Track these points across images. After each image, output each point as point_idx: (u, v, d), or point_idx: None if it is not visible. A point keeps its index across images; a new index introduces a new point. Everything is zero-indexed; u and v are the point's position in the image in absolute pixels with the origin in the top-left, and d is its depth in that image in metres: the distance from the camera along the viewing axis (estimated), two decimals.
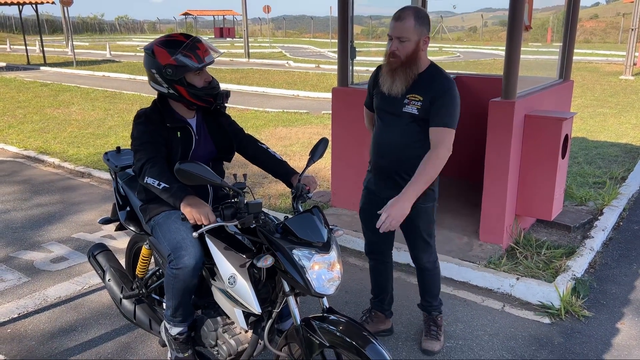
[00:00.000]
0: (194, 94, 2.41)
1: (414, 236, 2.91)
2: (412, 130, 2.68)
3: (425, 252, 2.95)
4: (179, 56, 2.34)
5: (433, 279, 3.03)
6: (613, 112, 10.37)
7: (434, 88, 2.60)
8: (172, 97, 2.46)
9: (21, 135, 8.62)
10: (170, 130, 2.45)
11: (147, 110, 2.49)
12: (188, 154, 2.50)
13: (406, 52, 2.58)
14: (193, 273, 2.35)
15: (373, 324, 3.16)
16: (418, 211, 2.76)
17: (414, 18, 2.55)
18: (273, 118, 10.02)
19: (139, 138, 2.41)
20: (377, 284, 3.19)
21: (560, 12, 5.82)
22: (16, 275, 3.95)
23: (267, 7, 33.37)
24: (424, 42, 2.59)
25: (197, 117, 2.59)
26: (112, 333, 3.22)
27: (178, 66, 2.35)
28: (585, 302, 3.51)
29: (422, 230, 2.87)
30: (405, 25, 2.54)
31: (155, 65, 2.38)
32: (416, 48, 2.58)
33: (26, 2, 22.50)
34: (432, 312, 3.10)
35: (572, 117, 4.12)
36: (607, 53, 24.86)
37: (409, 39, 2.56)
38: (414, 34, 2.55)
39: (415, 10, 2.59)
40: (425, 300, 3.11)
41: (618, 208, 5.03)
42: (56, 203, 5.55)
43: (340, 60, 4.73)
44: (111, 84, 16.08)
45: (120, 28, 63.30)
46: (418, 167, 2.59)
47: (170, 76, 2.36)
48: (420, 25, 2.56)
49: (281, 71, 19.25)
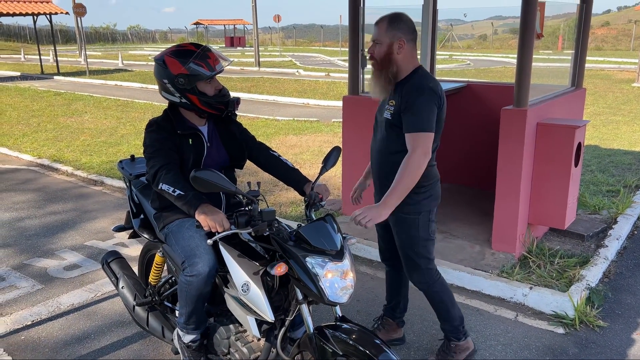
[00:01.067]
0: (206, 102, 2.44)
1: (401, 250, 2.80)
2: (390, 135, 2.67)
3: (414, 270, 2.79)
4: (190, 65, 2.37)
5: (432, 301, 2.86)
6: (626, 119, 10.28)
7: (404, 93, 2.57)
8: (184, 106, 2.48)
9: (35, 144, 8.73)
10: (182, 137, 2.48)
11: (159, 119, 2.52)
12: (200, 161, 2.52)
13: (379, 54, 2.62)
14: (207, 280, 2.36)
15: (385, 332, 3.14)
16: (397, 220, 2.70)
17: (387, 22, 2.60)
18: (283, 126, 10.06)
19: (152, 146, 2.44)
20: (390, 290, 3.16)
21: (570, 19, 5.80)
22: (30, 282, 3.99)
23: (278, 16, 33.60)
24: (398, 46, 2.57)
25: (209, 125, 2.62)
26: (125, 340, 3.24)
27: (190, 75, 2.38)
28: (599, 312, 3.47)
29: (405, 244, 2.75)
30: (378, 29, 2.62)
31: (167, 75, 2.41)
32: (388, 50, 2.59)
33: (40, 13, 22.87)
34: (447, 334, 2.93)
35: (584, 125, 4.09)
36: (619, 60, 24.69)
37: (381, 42, 2.60)
38: (386, 36, 2.59)
39: (393, 15, 2.63)
40: (439, 320, 2.95)
41: (632, 217, 4.98)
42: (69, 211, 5.61)
43: (351, 69, 4.75)
44: (123, 92, 16.25)
45: (132, 38, 64.00)
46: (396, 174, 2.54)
47: (182, 85, 2.40)
48: (393, 29, 2.58)
49: (291, 80, 19.34)
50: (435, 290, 2.83)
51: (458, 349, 2.90)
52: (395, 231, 2.78)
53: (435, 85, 2.57)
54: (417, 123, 2.51)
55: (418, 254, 2.75)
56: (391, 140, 2.66)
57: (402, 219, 2.69)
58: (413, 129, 2.51)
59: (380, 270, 4.14)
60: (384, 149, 2.71)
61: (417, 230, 2.71)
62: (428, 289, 2.83)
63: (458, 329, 2.90)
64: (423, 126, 2.51)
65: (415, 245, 2.73)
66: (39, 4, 23.32)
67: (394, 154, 2.64)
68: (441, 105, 2.58)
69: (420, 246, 2.74)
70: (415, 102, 2.51)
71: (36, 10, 22.76)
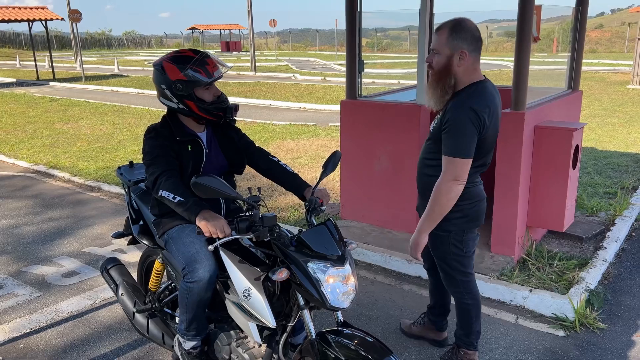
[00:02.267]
0: (204, 108, 2.43)
1: (436, 261, 2.81)
2: (428, 146, 2.64)
3: (450, 284, 2.80)
4: (188, 71, 2.37)
5: (459, 311, 2.85)
6: (621, 121, 10.33)
7: (447, 109, 2.48)
8: (182, 112, 2.48)
9: (31, 150, 8.70)
10: (181, 144, 2.47)
11: (157, 126, 2.52)
12: (199, 168, 2.52)
13: (438, 65, 2.49)
14: (207, 286, 2.35)
15: (423, 328, 3.20)
16: (432, 236, 2.66)
17: (449, 30, 2.45)
18: (280, 131, 10.06)
19: (151, 152, 2.43)
20: (432, 292, 3.16)
21: (565, 22, 5.83)
22: (28, 290, 3.96)
23: (273, 20, 33.66)
24: (459, 58, 2.44)
25: (208, 131, 2.61)
26: (124, 348, 3.22)
27: (188, 81, 2.37)
28: (599, 314, 3.47)
29: (438, 259, 2.76)
30: (439, 37, 2.48)
31: (165, 81, 2.41)
32: (447, 62, 2.46)
33: (36, 19, 22.85)
34: (458, 342, 2.92)
35: (582, 128, 4.11)
36: (613, 62, 24.81)
37: (440, 52, 2.48)
38: (446, 47, 2.45)
39: (455, 22, 2.47)
40: (457, 326, 2.93)
41: (630, 218, 4.99)
42: (66, 217, 5.58)
43: (348, 73, 4.76)
44: (119, 98, 16.23)
45: (128, 43, 63.98)
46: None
47: (180, 91, 2.39)
48: (454, 40, 2.43)
49: (288, 84, 19.36)
50: (466, 302, 2.80)
51: (465, 357, 2.89)
52: (430, 248, 2.77)
53: (480, 107, 2.40)
54: (453, 147, 2.41)
55: (452, 267, 2.73)
56: (429, 150, 2.63)
57: (433, 234, 2.64)
58: (448, 152, 2.43)
59: (380, 274, 4.14)
60: (421, 158, 2.70)
61: (448, 247, 2.68)
62: (460, 299, 2.81)
63: (472, 341, 2.88)
64: (458, 152, 2.40)
65: (447, 259, 2.72)
66: (34, 10, 23.31)
67: (428, 167, 2.63)
68: (483, 128, 2.42)
69: (454, 261, 2.71)
70: (454, 123, 2.40)
71: (31, 16, 22.74)
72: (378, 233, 4.67)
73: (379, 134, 4.52)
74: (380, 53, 39.03)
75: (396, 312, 3.58)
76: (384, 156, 4.54)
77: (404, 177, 4.43)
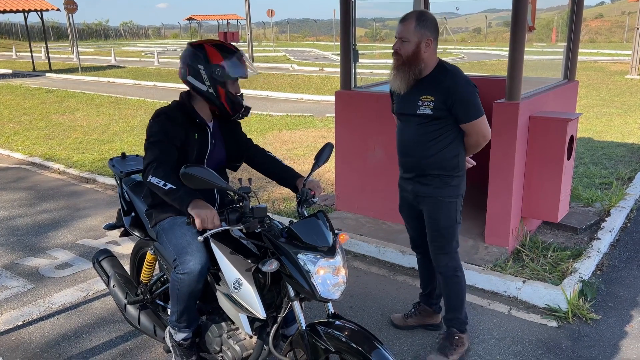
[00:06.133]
0: (230, 99, 2.46)
1: (434, 233, 2.91)
2: (428, 129, 2.78)
3: (445, 253, 2.92)
4: (231, 61, 2.40)
5: (450, 288, 2.95)
6: (619, 112, 10.30)
7: (442, 89, 2.69)
8: (209, 96, 2.45)
9: (27, 142, 8.67)
10: (189, 130, 2.45)
11: (167, 109, 2.48)
12: (204, 157, 2.51)
13: (406, 52, 2.70)
14: (198, 278, 2.34)
15: (419, 317, 3.25)
16: (439, 205, 2.84)
17: (415, 20, 2.67)
18: (277, 122, 10.02)
19: (153, 136, 2.40)
20: (424, 277, 3.25)
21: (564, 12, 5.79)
22: (21, 282, 3.96)
23: (271, 10, 33.46)
24: (426, 44, 2.68)
25: (214, 123, 2.61)
26: (116, 340, 3.22)
27: (227, 69, 2.40)
28: (592, 304, 3.47)
29: (443, 227, 2.88)
30: (406, 27, 2.68)
31: (205, 62, 2.40)
32: (416, 49, 2.68)
33: (31, 9, 22.67)
34: (450, 328, 2.99)
35: (577, 118, 4.09)
36: (612, 52, 24.73)
37: (409, 40, 2.68)
38: (414, 35, 2.67)
39: (419, 13, 2.73)
40: (445, 312, 3.03)
41: (625, 209, 4.99)
42: (61, 209, 5.57)
43: (343, 64, 4.72)
44: (116, 89, 16.16)
45: (125, 34, 63.62)
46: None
47: (217, 76, 2.39)
48: (421, 28, 2.66)
49: (285, 75, 19.28)
50: (458, 276, 2.95)
51: (460, 342, 2.96)
52: (430, 215, 2.88)
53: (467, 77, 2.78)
54: (475, 110, 2.71)
55: (451, 237, 2.89)
56: (429, 132, 2.78)
57: (442, 202, 2.83)
58: (474, 115, 2.71)
59: (374, 265, 4.14)
60: (421, 141, 2.81)
61: (455, 213, 2.87)
62: (453, 274, 2.94)
63: (464, 321, 3.00)
64: (481, 111, 2.73)
65: (450, 227, 2.87)
66: (30, 0, 23.12)
67: (431, 146, 2.79)
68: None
69: (453, 229, 2.89)
70: (465, 93, 2.68)
71: (27, 6, 22.56)
72: (372, 224, 4.66)
73: (374, 125, 4.50)
74: (378, 43, 38.86)
75: (389, 303, 3.58)
76: (379, 147, 4.52)
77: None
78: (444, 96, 2.68)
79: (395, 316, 3.34)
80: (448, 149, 2.79)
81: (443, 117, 2.73)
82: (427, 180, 2.84)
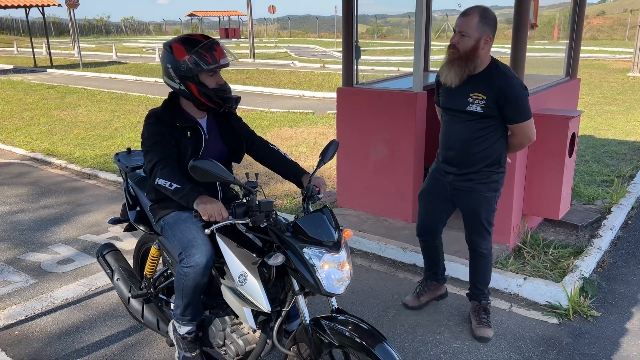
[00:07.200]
0: (205, 93, 2.42)
1: (474, 223, 3.07)
2: (476, 126, 2.84)
3: (484, 238, 3.10)
4: (195, 54, 2.37)
5: (486, 266, 3.17)
6: (621, 109, 10.29)
7: (495, 89, 2.74)
8: (182, 93, 2.46)
9: (28, 138, 8.68)
10: (180, 130, 2.46)
11: (158, 111, 2.51)
12: (198, 154, 2.51)
13: (465, 46, 2.72)
14: (204, 271, 2.35)
15: (430, 292, 3.44)
16: (480, 200, 2.98)
17: (479, 16, 2.69)
18: (279, 118, 10.02)
19: (149, 138, 2.42)
20: (430, 259, 3.40)
21: (566, 9, 5.78)
22: (23, 277, 3.97)
23: (272, 7, 33.43)
24: (484, 42, 2.72)
25: (208, 118, 2.61)
26: (119, 334, 3.23)
27: (193, 63, 2.37)
28: (593, 302, 3.48)
29: (483, 218, 3.03)
30: (468, 22, 2.70)
31: (171, 60, 2.40)
32: (475, 45, 2.71)
33: (33, 5, 22.64)
34: (482, 300, 3.21)
35: (579, 116, 4.09)
36: (614, 50, 24.66)
37: (469, 35, 2.70)
38: (476, 31, 2.69)
39: (483, 9, 2.73)
40: (476, 288, 3.23)
41: (626, 207, 4.99)
42: (63, 205, 5.58)
43: (344, 60, 4.72)
44: (117, 85, 16.16)
45: (127, 30, 63.53)
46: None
47: (183, 72, 2.38)
48: (483, 25, 2.69)
49: (286, 71, 19.26)
50: (491, 254, 3.17)
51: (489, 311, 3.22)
52: (471, 208, 3.03)
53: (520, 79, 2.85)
54: (525, 112, 2.79)
55: (490, 223, 3.07)
56: (477, 130, 2.85)
57: (485, 198, 2.98)
58: (525, 117, 2.80)
59: (375, 262, 4.15)
60: (467, 138, 2.89)
61: (494, 205, 3.04)
62: (489, 254, 3.15)
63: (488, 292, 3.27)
64: (527, 115, 2.80)
65: (490, 217, 3.05)
66: None
67: (477, 143, 2.87)
68: None
69: (492, 217, 3.07)
70: (517, 95, 2.74)
71: (28, 2, 22.53)
72: (374, 221, 4.67)
73: (376, 122, 4.50)
74: (380, 40, 38.78)
75: (390, 299, 3.59)
76: (381, 144, 4.53)
77: (400, 165, 4.42)
78: (496, 96, 2.73)
79: (408, 298, 3.48)
80: (494, 147, 2.86)
81: (493, 116, 2.78)
82: (470, 176, 2.94)
